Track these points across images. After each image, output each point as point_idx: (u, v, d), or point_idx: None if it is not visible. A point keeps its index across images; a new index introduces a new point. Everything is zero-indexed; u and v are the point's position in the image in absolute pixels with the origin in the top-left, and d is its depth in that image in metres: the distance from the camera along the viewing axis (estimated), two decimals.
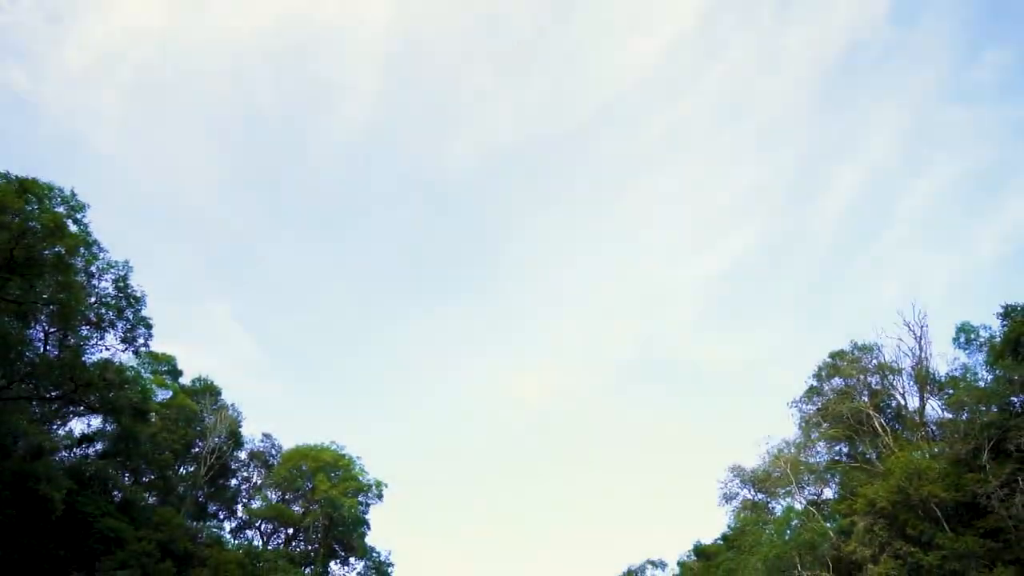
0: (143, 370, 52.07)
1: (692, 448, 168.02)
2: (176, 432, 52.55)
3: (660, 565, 73.23)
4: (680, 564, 65.87)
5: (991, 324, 44.15)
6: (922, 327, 47.40)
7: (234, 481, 62.48)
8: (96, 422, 46.78)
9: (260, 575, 45.07)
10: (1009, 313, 41.41)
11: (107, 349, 36.93)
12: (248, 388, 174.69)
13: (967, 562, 34.20)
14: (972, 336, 45.84)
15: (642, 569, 73.53)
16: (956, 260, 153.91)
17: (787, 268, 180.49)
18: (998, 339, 42.22)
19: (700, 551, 61.59)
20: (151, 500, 49.70)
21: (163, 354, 58.38)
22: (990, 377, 42.04)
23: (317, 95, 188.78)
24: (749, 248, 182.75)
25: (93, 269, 35.52)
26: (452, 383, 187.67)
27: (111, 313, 35.83)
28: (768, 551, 42.83)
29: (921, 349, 47.44)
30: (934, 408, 47.59)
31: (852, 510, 40.33)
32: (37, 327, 35.31)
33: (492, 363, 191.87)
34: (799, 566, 40.82)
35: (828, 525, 42.96)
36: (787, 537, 43.85)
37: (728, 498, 58.53)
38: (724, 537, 59.00)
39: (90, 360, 36.41)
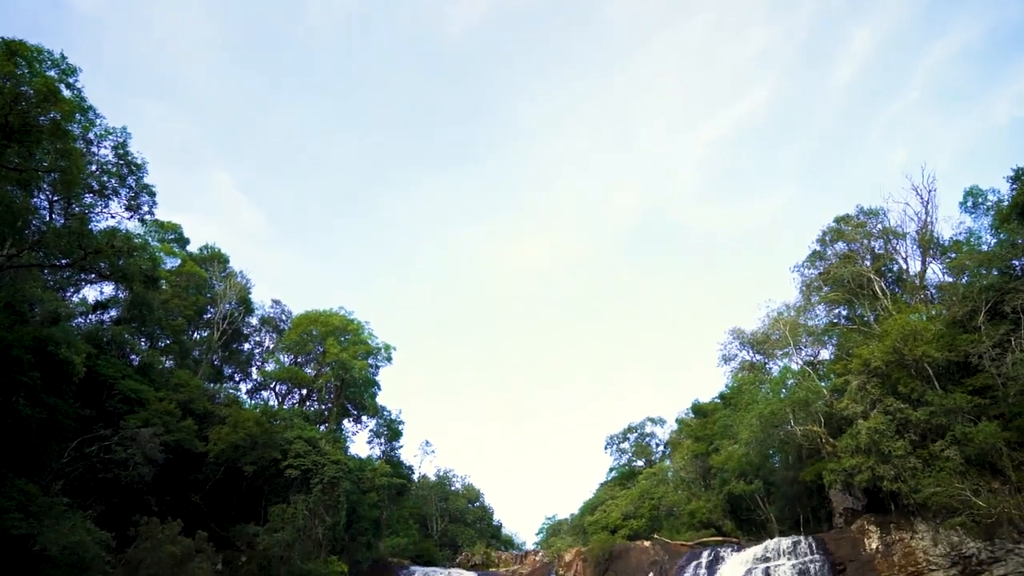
0: (150, 238, 52.45)
1: (694, 314, 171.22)
2: (187, 299, 53.58)
3: (659, 422, 76.29)
4: (678, 421, 68.51)
5: (1000, 188, 43.73)
6: (930, 191, 47.08)
7: (247, 346, 64.32)
8: (108, 289, 47.64)
9: (277, 432, 47.19)
10: (1020, 176, 40.77)
11: (112, 217, 36.87)
12: (254, 257, 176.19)
13: (953, 417, 35.63)
14: (980, 200, 45.50)
15: (642, 426, 76.66)
16: (970, 124, 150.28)
17: (795, 134, 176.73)
18: (1006, 203, 41.88)
19: (698, 409, 63.91)
20: (168, 364, 51.36)
21: (169, 222, 58.59)
22: (994, 241, 42.09)
23: None
24: (757, 114, 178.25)
25: (91, 136, 34.86)
26: (456, 250, 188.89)
27: (113, 181, 35.50)
28: (763, 408, 44.52)
29: (927, 213, 47.32)
30: (935, 272, 48.07)
31: (847, 370, 41.57)
32: (40, 196, 35.14)
33: (496, 230, 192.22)
34: (792, 421, 42.58)
35: (822, 384, 44.44)
36: (782, 395, 45.47)
37: (727, 359, 60.30)
38: (721, 396, 61.12)
39: (96, 228, 36.50)
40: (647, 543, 47.70)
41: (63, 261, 36.69)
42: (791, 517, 46.44)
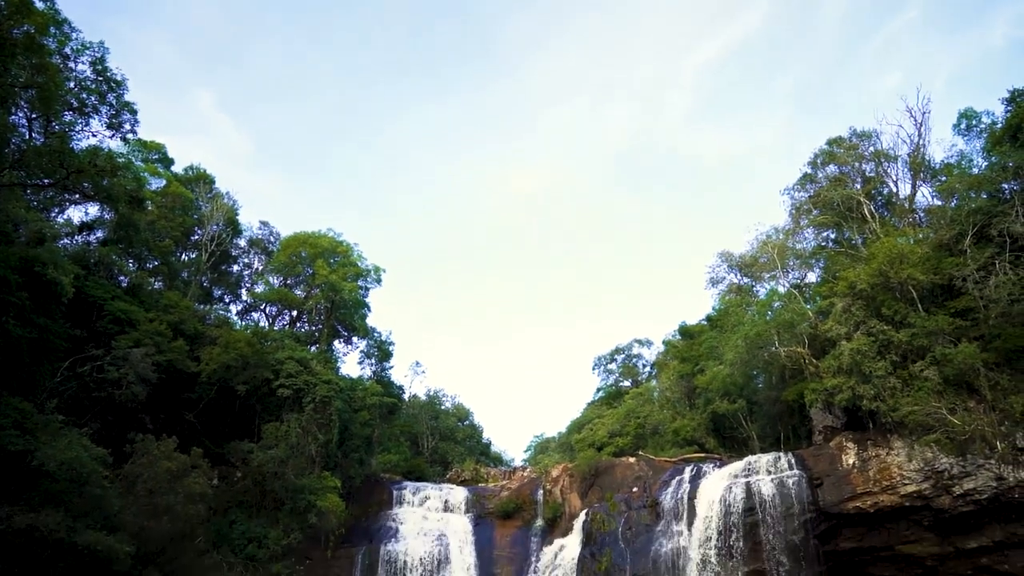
0: (134, 158, 51.52)
1: (684, 238, 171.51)
2: (173, 220, 53.07)
3: (646, 343, 77.33)
4: (665, 343, 69.44)
5: (995, 111, 43.36)
6: (924, 113, 46.64)
7: (236, 267, 64.14)
8: (93, 210, 47.08)
9: (268, 352, 47.60)
10: (1015, 98, 40.46)
11: (94, 136, 36.07)
12: (240, 180, 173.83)
13: (934, 338, 36.33)
14: (973, 123, 45.19)
15: (629, 347, 77.73)
16: (967, 46, 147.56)
17: (790, 56, 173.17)
18: (1000, 125, 41.63)
19: (684, 331, 64.71)
20: (157, 285, 51.30)
21: (152, 142, 57.45)
22: (985, 164, 41.99)
23: None
24: (750, 36, 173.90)
25: (67, 51, 33.79)
26: (445, 176, 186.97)
27: (93, 98, 34.59)
28: (749, 329, 45.19)
29: (920, 136, 47.05)
30: (925, 195, 48.12)
31: (832, 292, 42.05)
32: (19, 114, 34.29)
33: (486, 157, 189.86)
34: (777, 343, 43.30)
35: (808, 306, 45.00)
36: (768, 317, 46.08)
37: (715, 282, 60.84)
38: (708, 318, 61.86)
39: (78, 147, 35.80)
40: (632, 459, 49.09)
41: (45, 181, 36.12)
42: (772, 435, 47.78)
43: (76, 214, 47.09)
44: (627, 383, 75.63)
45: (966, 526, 34.57)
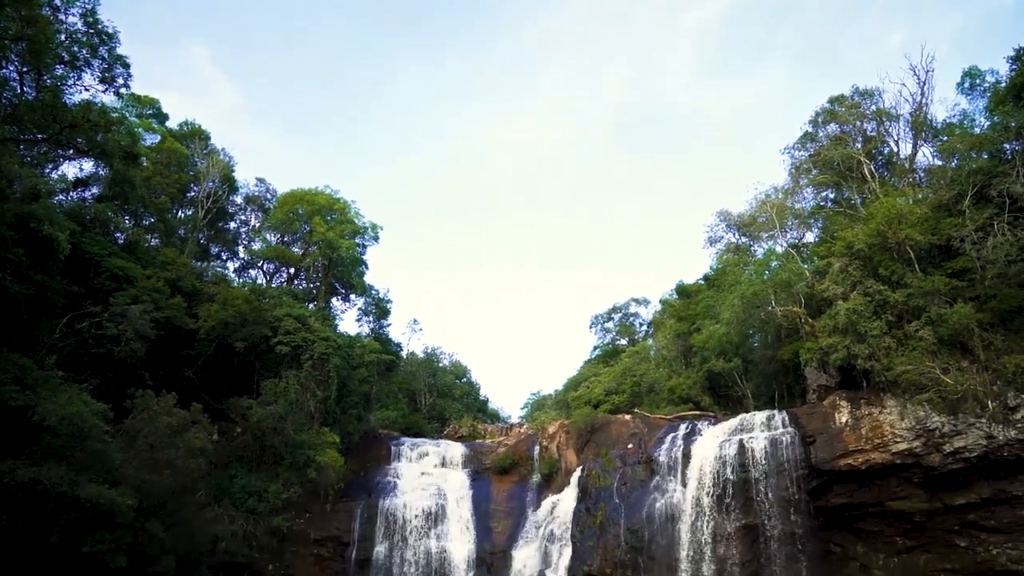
0: (127, 113, 50.97)
1: (683, 197, 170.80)
2: (169, 176, 52.69)
3: (643, 302, 77.58)
4: (662, 302, 69.60)
5: (999, 70, 42.84)
6: (927, 71, 46.06)
7: (233, 224, 63.98)
8: (88, 166, 46.78)
9: (266, 309, 47.71)
10: (1020, 56, 39.90)
11: (86, 90, 35.71)
12: (235, 137, 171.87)
13: (930, 299, 36.45)
14: (977, 81, 44.72)
15: (626, 306, 77.99)
16: (973, 5, 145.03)
17: (793, 13, 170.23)
18: (1004, 84, 41.16)
19: (682, 290, 64.82)
20: (154, 242, 51.18)
21: (146, 97, 56.84)
22: (988, 124, 41.64)
23: None
24: None
25: (57, 2, 33.31)
26: (443, 134, 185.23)
27: (84, 51, 34.11)
28: (746, 289, 45.26)
29: (923, 95, 46.52)
30: (925, 155, 47.81)
31: (830, 252, 42.04)
32: (9, 67, 33.84)
33: (484, 114, 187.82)
34: (773, 302, 43.44)
35: (805, 266, 45.03)
36: (765, 277, 46.12)
37: (713, 241, 60.65)
38: (705, 277, 61.92)
39: (71, 102, 35.43)
40: (627, 416, 49.62)
41: (39, 136, 35.82)
42: (767, 394, 48.23)
43: (71, 170, 46.83)
44: (624, 342, 76.05)
45: (955, 483, 35.11)
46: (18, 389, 27.39)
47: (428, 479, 49.13)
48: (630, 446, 45.05)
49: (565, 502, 44.76)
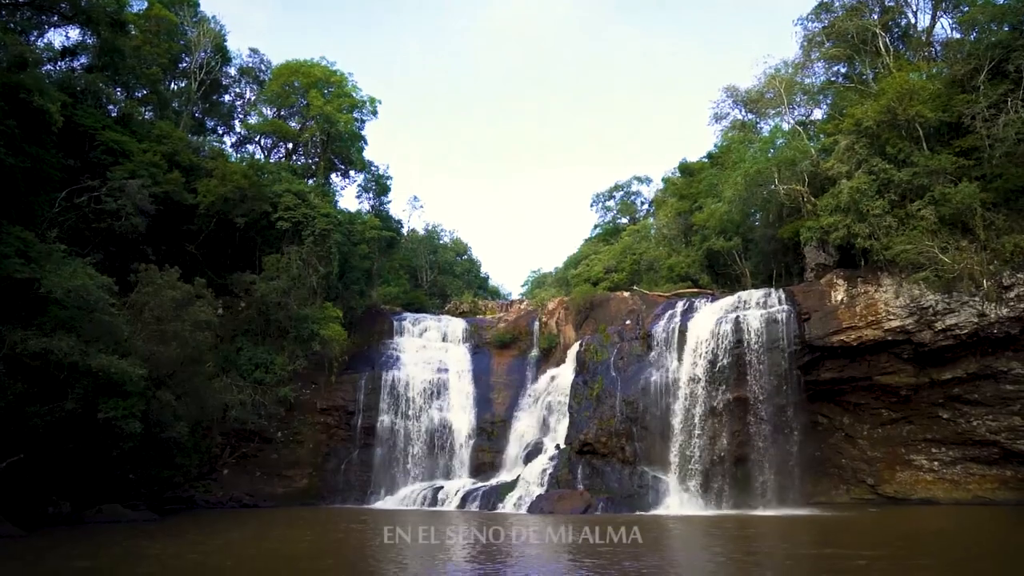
0: None
1: (690, 73, 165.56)
2: (159, 46, 50.80)
3: (645, 181, 77.00)
4: (665, 180, 68.90)
5: None
6: None
7: (227, 97, 62.39)
8: (75, 35, 44.94)
9: (265, 185, 47.35)
10: None
11: None
12: (225, 5, 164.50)
13: (935, 178, 36.13)
14: None
15: (628, 184, 77.45)
16: None
17: None
18: None
19: (684, 168, 63.91)
20: (147, 115, 50.05)
21: None
22: None
23: None
24: None
25: None
26: (439, 12, 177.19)
27: None
28: (750, 167, 44.72)
29: None
30: (944, 27, 45.94)
31: (837, 130, 41.23)
32: None
33: None
34: (777, 180, 43.03)
35: (811, 144, 44.28)
36: (770, 155, 45.45)
37: (718, 118, 59.36)
38: (709, 155, 61.00)
39: None
40: (626, 294, 50.26)
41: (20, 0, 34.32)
42: (766, 272, 48.57)
43: (57, 38, 45.14)
44: (625, 220, 76.04)
45: (943, 359, 36.05)
46: (22, 262, 27.56)
47: (430, 353, 50.40)
48: (628, 322, 45.87)
49: (563, 375, 46.11)
